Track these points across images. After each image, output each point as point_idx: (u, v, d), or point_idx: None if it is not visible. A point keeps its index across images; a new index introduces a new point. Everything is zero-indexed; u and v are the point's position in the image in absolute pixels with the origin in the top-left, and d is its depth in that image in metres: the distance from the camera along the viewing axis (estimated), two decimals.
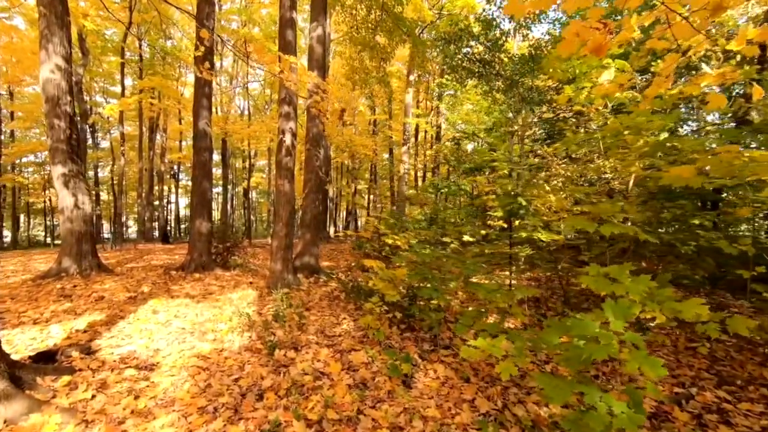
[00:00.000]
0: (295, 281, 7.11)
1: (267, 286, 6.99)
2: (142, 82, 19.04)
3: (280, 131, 7.05)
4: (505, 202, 5.30)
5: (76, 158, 8.61)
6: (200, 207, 9.28)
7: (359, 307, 5.62)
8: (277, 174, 7.10)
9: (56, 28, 8.17)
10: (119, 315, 5.27)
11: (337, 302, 6.00)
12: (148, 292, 6.82)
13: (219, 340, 4.35)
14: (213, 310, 5.57)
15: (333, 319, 5.03)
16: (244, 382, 3.33)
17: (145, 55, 25.77)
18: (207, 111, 9.42)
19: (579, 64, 4.84)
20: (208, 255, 9.35)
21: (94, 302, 6.00)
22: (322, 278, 8.03)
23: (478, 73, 12.44)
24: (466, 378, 3.29)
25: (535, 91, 12.07)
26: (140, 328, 4.73)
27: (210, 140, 9.57)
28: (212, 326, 4.82)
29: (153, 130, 28.15)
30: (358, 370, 3.51)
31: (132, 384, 3.29)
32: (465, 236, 6.37)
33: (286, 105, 7.03)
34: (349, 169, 29.94)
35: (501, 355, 2.41)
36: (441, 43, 12.12)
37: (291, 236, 7.17)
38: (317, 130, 8.54)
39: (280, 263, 6.94)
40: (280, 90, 7.13)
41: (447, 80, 13.87)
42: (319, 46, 8.39)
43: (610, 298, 2.14)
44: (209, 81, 9.47)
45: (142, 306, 5.80)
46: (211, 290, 7.07)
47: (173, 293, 6.79)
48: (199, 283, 7.86)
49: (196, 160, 9.35)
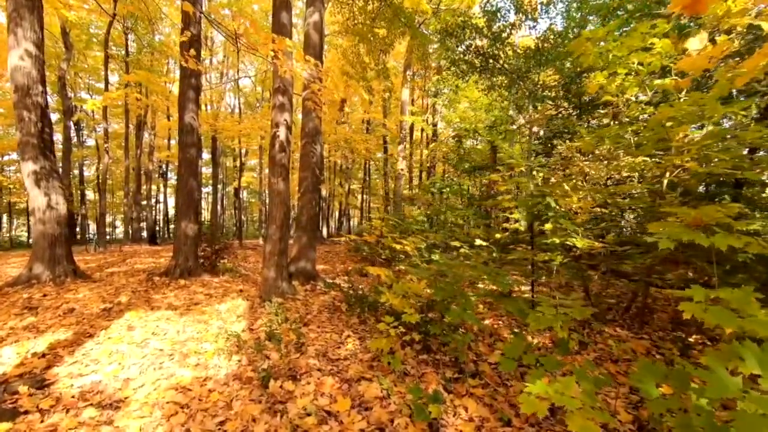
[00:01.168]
0: (290, 289, 6.45)
1: (259, 295, 6.32)
2: (127, 76, 18.16)
3: (273, 124, 6.38)
4: (529, 203, 4.71)
5: (49, 154, 7.87)
6: (186, 207, 8.57)
7: (364, 320, 4.98)
8: (271, 171, 6.44)
9: (26, 11, 7.42)
10: (88, 332, 4.58)
11: (338, 315, 5.35)
12: (126, 303, 6.12)
13: (203, 365, 3.69)
14: (197, 326, 4.90)
15: (336, 337, 4.39)
16: (231, 426, 2.68)
17: (131, 50, 24.94)
18: (194, 104, 8.71)
19: (617, 46, 4.24)
20: (195, 259, 8.65)
21: (62, 316, 5.28)
22: (319, 285, 7.37)
23: (480, 67, 11.87)
24: (507, 420, 2.68)
25: (540, 86, 11.53)
26: (110, 349, 4.05)
27: (197, 136, 8.86)
28: (195, 346, 4.16)
29: (140, 127, 27.29)
30: (371, 408, 2.87)
31: (90, 431, 2.63)
32: (477, 240, 5.76)
33: (280, 95, 6.36)
34: (342, 168, 29.32)
35: (576, 407, 1.80)
36: (442, 35, 11.51)
37: (286, 240, 6.51)
38: (313, 124, 7.88)
39: (273, 270, 6.27)
40: (273, 79, 6.46)
41: (447, 75, 13.26)
42: (316, 33, 7.73)
43: (740, 339, 1.53)
44: (196, 72, 8.76)
45: (117, 320, 5.11)
46: (196, 300, 6.38)
47: (154, 304, 6.09)
48: (183, 291, 7.17)
49: (182, 157, 8.63)
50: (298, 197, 8.09)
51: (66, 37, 18.68)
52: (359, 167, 30.63)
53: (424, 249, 5.89)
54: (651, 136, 4.44)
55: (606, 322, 4.64)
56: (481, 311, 4.87)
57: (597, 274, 4.91)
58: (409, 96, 17.97)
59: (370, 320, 4.93)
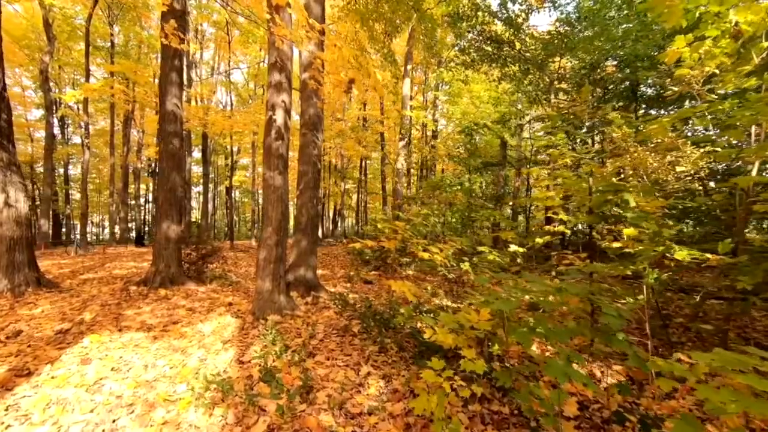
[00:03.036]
0: (288, 304, 5.41)
1: (252, 311, 5.26)
2: (109, 66, 17.01)
3: (268, 106, 5.32)
4: (591, 201, 3.72)
5: (7, 144, 6.76)
6: (168, 206, 7.49)
7: (383, 348, 3.96)
8: (266, 164, 5.38)
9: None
10: (28, 367, 3.51)
11: (350, 339, 4.32)
12: (90, 322, 5.04)
13: (172, 424, 2.66)
14: (172, 356, 3.84)
15: (352, 375, 3.36)
16: None
17: (118, 41, 23.77)
18: (177, 88, 7.64)
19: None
20: (178, 266, 7.57)
21: (2, 342, 4.21)
22: (322, 297, 6.34)
23: (493, 54, 10.89)
24: None
25: (558, 75, 10.60)
26: (50, 397, 2.99)
27: (180, 124, 7.78)
28: (166, 390, 3.11)
29: (128, 123, 26.11)
30: None
31: None
32: (511, 246, 4.77)
33: (276, 72, 5.31)
34: (337, 168, 28.28)
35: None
36: (453, 18, 10.52)
37: (283, 244, 5.46)
38: (315, 110, 6.83)
39: (269, 281, 5.22)
40: (269, 52, 5.41)
41: (455, 66, 12.26)
42: (317, 5, 6.70)
43: None
44: (180, 51, 7.69)
45: (72, 348, 4.05)
46: (176, 317, 5.31)
47: (124, 323, 5.02)
48: (163, 304, 6.10)
49: (163, 149, 7.55)
50: (297, 195, 7.04)
51: (48, 28, 17.62)
52: (354, 167, 29.64)
53: (452, 257, 4.88)
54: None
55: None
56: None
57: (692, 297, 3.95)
58: (409, 90, 17.01)
59: (391, 346, 3.92)
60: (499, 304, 2.22)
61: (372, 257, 10.83)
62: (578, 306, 2.51)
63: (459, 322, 2.39)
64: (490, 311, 2.36)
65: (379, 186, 27.55)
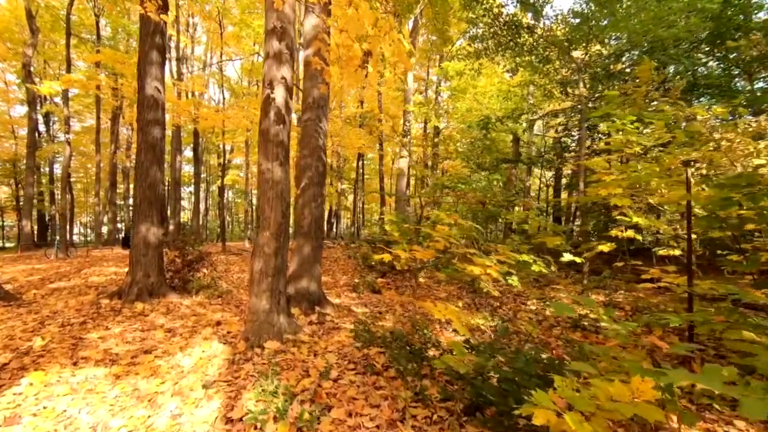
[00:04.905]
0: (290, 326, 4.38)
1: (245, 336, 4.22)
2: (91, 56, 15.88)
3: (266, 83, 4.30)
4: (716, 199, 2.75)
5: None
6: (147, 206, 6.44)
7: (420, 394, 2.95)
8: (262, 153, 4.36)
9: None
10: None
11: (373, 379, 3.31)
12: (40, 350, 3.99)
13: None
14: (136, 411, 2.81)
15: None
16: None
17: (105, 34, 22.63)
18: (158, 69, 6.59)
19: None
20: (159, 274, 6.51)
21: None
22: (329, 314, 5.33)
23: (510, 40, 9.97)
24: None
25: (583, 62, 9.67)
26: None
27: (162, 111, 6.73)
28: None
29: (116, 121, 24.85)
30: None
31: None
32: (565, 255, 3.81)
33: (275, 40, 4.30)
34: (333, 167, 27.28)
35: None
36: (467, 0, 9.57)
37: (284, 252, 4.44)
38: (319, 92, 5.81)
39: (265, 298, 4.20)
40: (267, 15, 4.38)
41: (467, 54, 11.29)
42: None
43: None
44: (161, 26, 6.64)
45: (1, 395, 3.01)
46: (150, 343, 4.27)
47: (83, 351, 3.97)
48: (137, 323, 5.05)
49: (141, 139, 6.49)
50: (298, 193, 6.02)
51: (32, 20, 16.60)
52: (351, 167, 28.72)
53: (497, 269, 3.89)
54: None
55: None
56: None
57: None
58: (413, 84, 16.06)
59: (429, 391, 2.92)
60: (668, 376, 1.23)
61: (377, 262, 9.84)
62: None
63: (595, 397, 1.41)
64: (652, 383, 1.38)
65: (376, 186, 26.64)
